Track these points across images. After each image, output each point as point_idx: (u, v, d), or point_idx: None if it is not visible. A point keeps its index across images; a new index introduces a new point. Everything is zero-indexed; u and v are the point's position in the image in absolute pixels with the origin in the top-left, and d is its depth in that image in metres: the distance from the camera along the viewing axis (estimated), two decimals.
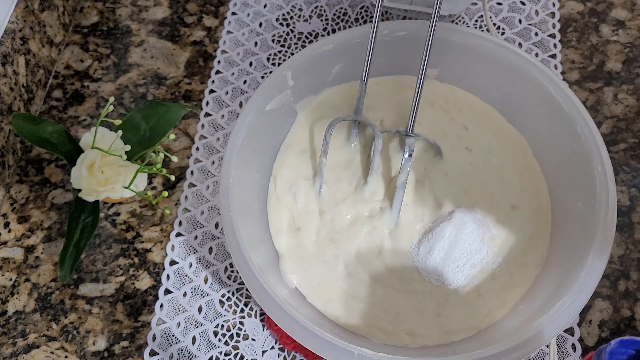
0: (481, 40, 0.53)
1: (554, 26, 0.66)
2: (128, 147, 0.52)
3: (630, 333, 0.51)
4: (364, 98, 0.53)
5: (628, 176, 0.58)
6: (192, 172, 0.58)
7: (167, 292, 0.53)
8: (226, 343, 0.51)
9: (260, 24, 0.67)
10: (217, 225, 0.56)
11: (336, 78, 0.56)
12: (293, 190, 0.53)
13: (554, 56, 0.64)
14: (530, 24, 0.66)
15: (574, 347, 0.50)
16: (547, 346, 0.50)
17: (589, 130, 0.48)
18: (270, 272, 0.47)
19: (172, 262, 0.54)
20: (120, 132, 0.51)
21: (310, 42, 0.66)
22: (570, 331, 0.51)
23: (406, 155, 0.50)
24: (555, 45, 0.64)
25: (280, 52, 0.65)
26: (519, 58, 0.52)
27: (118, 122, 0.51)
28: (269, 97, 0.51)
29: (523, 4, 0.67)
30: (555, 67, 0.63)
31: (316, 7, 0.67)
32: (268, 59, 0.64)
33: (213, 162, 0.59)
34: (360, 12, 0.67)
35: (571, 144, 0.50)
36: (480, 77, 0.55)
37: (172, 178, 0.52)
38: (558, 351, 0.50)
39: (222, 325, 0.52)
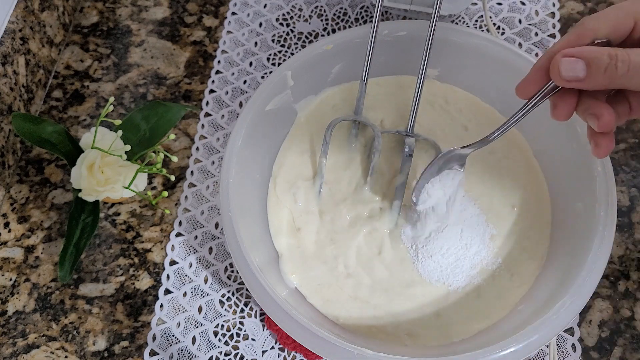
0: (481, 40, 0.53)
1: (554, 26, 0.66)
2: (128, 147, 0.52)
3: (630, 333, 0.51)
4: (364, 98, 0.53)
5: (628, 176, 0.58)
6: (192, 172, 0.58)
7: (167, 292, 0.53)
8: (226, 343, 0.51)
9: (260, 24, 0.67)
10: (217, 225, 0.56)
11: (336, 78, 0.56)
12: (293, 191, 0.53)
13: None
14: (530, 24, 0.66)
15: (574, 347, 0.50)
16: (547, 346, 0.50)
17: None
18: (270, 272, 0.47)
19: (172, 262, 0.54)
20: (120, 132, 0.51)
21: (310, 42, 0.66)
22: (570, 331, 0.51)
23: (406, 156, 0.50)
24: None
25: (280, 52, 0.65)
26: (519, 58, 0.52)
27: (118, 122, 0.51)
28: (269, 97, 0.51)
29: (523, 4, 0.67)
30: None
31: (316, 7, 0.67)
32: (268, 59, 0.64)
33: (213, 162, 0.59)
34: (360, 12, 0.67)
35: (571, 143, 0.50)
36: (480, 77, 0.55)
37: (172, 178, 0.52)
38: (558, 351, 0.50)
39: (222, 325, 0.52)
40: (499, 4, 0.67)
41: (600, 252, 0.44)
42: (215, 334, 0.52)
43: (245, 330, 0.52)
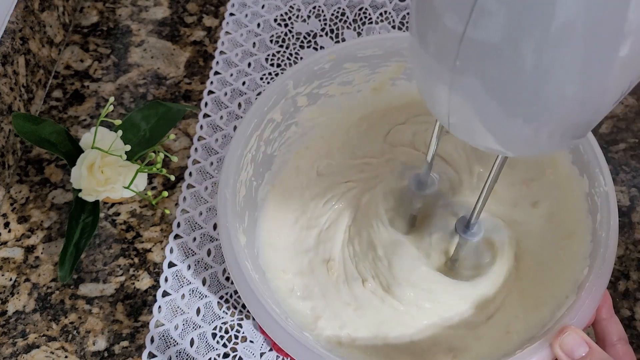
0: None
1: None
2: (128, 147, 0.52)
3: (630, 333, 0.51)
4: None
5: (628, 176, 0.58)
6: (190, 174, 0.58)
7: (166, 294, 0.53)
8: (224, 345, 0.51)
9: (259, 25, 0.66)
10: (215, 227, 0.56)
11: None
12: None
13: None
14: None
15: None
16: None
17: None
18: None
19: (171, 264, 0.54)
20: (120, 132, 0.51)
21: (309, 42, 0.66)
22: None
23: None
24: None
25: (278, 52, 0.65)
26: None
27: (118, 122, 0.51)
28: (271, 106, 0.50)
29: None
30: None
31: (314, 8, 0.67)
32: (266, 60, 0.64)
33: (212, 163, 0.59)
34: (359, 14, 0.67)
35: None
36: None
37: (172, 178, 0.52)
38: None
39: (221, 328, 0.52)
40: None
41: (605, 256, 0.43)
42: (214, 336, 0.52)
43: (243, 332, 0.52)
